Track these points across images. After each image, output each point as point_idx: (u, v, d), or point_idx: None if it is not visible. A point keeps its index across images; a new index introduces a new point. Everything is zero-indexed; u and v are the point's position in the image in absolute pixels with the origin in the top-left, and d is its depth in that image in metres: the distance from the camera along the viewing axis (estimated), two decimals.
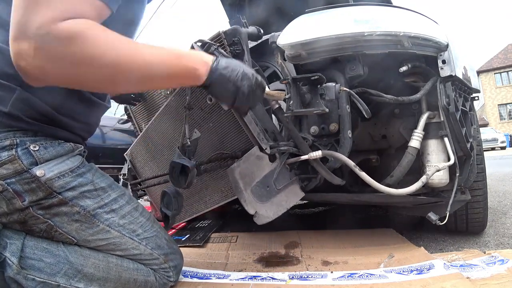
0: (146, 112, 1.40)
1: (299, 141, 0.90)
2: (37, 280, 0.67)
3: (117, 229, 0.77)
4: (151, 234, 0.83)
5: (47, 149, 0.71)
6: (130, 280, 0.78)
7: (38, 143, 0.69)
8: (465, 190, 1.04)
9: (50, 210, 0.70)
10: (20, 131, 0.68)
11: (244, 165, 0.91)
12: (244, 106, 0.78)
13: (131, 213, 0.81)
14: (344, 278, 0.89)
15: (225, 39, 0.99)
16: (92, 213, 0.74)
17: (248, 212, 1.00)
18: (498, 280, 0.78)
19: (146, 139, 1.37)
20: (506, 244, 1.15)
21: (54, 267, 0.69)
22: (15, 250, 0.66)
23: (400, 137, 1.06)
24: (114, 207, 0.78)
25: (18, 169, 0.66)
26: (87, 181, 0.75)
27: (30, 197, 0.67)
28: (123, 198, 0.81)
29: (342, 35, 0.83)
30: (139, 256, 0.80)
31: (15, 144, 0.67)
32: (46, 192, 0.68)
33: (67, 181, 0.71)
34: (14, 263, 0.65)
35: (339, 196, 1.15)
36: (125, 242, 0.78)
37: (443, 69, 0.91)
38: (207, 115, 1.12)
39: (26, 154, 0.67)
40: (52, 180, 0.69)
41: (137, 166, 1.46)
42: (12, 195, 0.66)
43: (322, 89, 0.85)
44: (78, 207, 0.72)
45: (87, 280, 0.72)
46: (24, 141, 0.68)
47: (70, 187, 0.71)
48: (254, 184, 0.92)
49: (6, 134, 0.67)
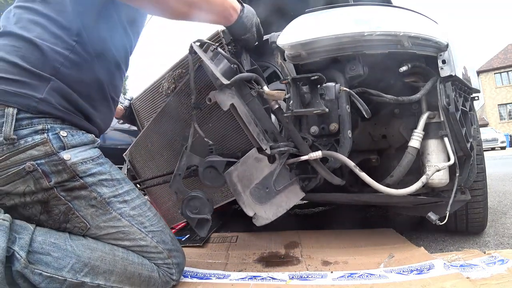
0: (150, 110, 1.41)
1: (299, 141, 0.90)
2: (44, 274, 0.68)
3: (127, 219, 0.81)
4: (157, 228, 0.86)
5: (73, 136, 0.78)
6: (135, 274, 0.79)
7: (66, 130, 0.77)
8: (465, 190, 1.04)
9: (72, 193, 0.76)
10: (51, 118, 0.76)
11: (242, 167, 0.92)
12: (250, 42, 0.99)
13: (140, 207, 0.86)
14: (344, 278, 0.89)
15: (223, 38, 0.99)
16: (107, 201, 0.79)
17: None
18: (498, 280, 0.78)
19: (145, 139, 1.36)
20: (506, 244, 1.15)
21: (61, 262, 0.71)
22: (23, 244, 0.68)
23: (400, 137, 1.06)
24: (126, 198, 0.83)
25: (49, 151, 0.73)
26: (105, 170, 0.82)
27: (56, 178, 0.74)
28: (134, 192, 0.87)
29: (342, 35, 0.83)
30: (145, 248, 0.83)
31: (47, 129, 0.74)
32: (70, 175, 0.75)
33: (88, 167, 0.78)
34: (22, 257, 0.66)
35: (339, 196, 1.15)
36: (134, 232, 0.82)
37: (443, 69, 0.91)
38: (207, 115, 1.13)
39: (56, 139, 0.75)
40: (76, 165, 0.76)
41: (137, 167, 1.46)
42: (40, 175, 0.73)
43: (322, 89, 0.85)
44: (95, 193, 0.78)
45: (93, 273, 0.74)
46: (54, 127, 0.75)
47: (91, 173, 0.78)
48: (253, 186, 0.92)
49: (39, 120, 0.74)
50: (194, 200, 0.96)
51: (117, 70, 0.95)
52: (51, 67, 0.75)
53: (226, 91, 0.89)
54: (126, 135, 2.94)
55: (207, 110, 1.10)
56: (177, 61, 1.17)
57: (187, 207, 0.96)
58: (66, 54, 0.78)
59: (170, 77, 1.18)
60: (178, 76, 1.16)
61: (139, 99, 1.44)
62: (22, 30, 0.76)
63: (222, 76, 0.87)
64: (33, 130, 0.73)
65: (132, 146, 1.45)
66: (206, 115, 1.12)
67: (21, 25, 0.77)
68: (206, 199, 0.96)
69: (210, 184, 0.96)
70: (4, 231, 0.67)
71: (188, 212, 0.95)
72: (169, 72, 1.19)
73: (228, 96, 0.89)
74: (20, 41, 0.75)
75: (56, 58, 0.77)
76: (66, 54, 0.78)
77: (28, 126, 0.73)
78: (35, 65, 0.74)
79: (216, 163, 0.94)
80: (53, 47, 0.76)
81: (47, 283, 0.69)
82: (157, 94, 1.30)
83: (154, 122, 1.28)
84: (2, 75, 0.72)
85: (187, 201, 0.96)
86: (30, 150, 0.72)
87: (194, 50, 0.95)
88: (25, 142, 0.72)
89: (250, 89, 0.92)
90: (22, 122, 0.72)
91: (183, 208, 0.95)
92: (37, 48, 0.75)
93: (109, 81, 0.90)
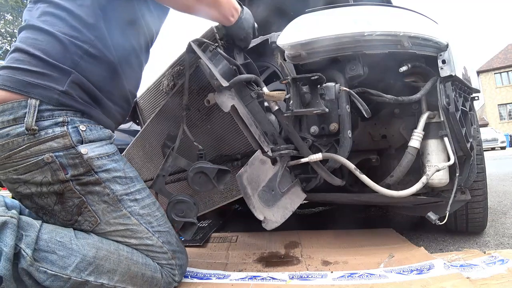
0: (152, 108, 1.41)
1: (299, 143, 0.90)
2: (48, 273, 0.69)
3: (136, 218, 0.82)
4: (164, 229, 0.87)
5: (92, 131, 0.80)
6: (138, 274, 0.80)
7: (85, 124, 0.78)
8: (465, 190, 1.04)
9: (86, 188, 0.77)
10: (71, 111, 0.77)
11: (250, 169, 0.91)
12: (247, 43, 1.02)
13: (150, 206, 0.86)
14: (344, 278, 0.89)
15: (216, 33, 0.99)
16: (119, 198, 0.80)
17: (248, 213, 0.99)
18: (498, 280, 0.78)
19: (143, 140, 1.36)
20: (506, 244, 1.15)
21: (67, 260, 0.71)
22: (30, 242, 0.69)
23: (400, 137, 1.06)
24: (137, 197, 0.84)
25: (67, 144, 0.74)
26: (120, 168, 0.82)
27: (72, 171, 0.75)
28: (145, 192, 0.87)
29: (342, 35, 0.83)
30: (151, 247, 0.83)
31: (67, 121, 0.75)
32: (86, 169, 0.76)
33: (104, 163, 0.79)
34: (28, 255, 0.67)
35: (339, 196, 1.15)
36: (141, 231, 0.82)
37: (443, 69, 0.91)
38: (205, 116, 1.12)
39: (75, 132, 0.76)
40: (93, 159, 0.77)
41: (135, 168, 1.46)
42: (58, 167, 0.74)
43: (322, 89, 0.85)
44: (108, 189, 0.79)
45: (97, 272, 0.74)
46: (74, 120, 0.77)
47: (106, 169, 0.79)
48: (261, 188, 0.91)
49: (60, 112, 0.75)
50: (180, 204, 0.95)
51: (137, 64, 0.95)
52: (71, 60, 0.77)
53: (225, 93, 0.89)
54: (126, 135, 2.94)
55: (205, 112, 1.10)
56: (176, 58, 1.17)
57: (172, 210, 0.95)
58: (86, 48, 0.79)
59: (170, 74, 1.18)
60: (177, 74, 1.16)
61: (142, 98, 1.44)
62: (44, 23, 0.78)
63: (221, 77, 0.86)
64: (54, 122, 0.74)
65: (129, 146, 1.45)
66: (204, 116, 1.12)
67: (43, 19, 0.78)
68: (192, 203, 0.96)
69: (199, 189, 0.95)
70: (13, 229, 0.67)
71: (173, 215, 0.95)
72: (168, 70, 1.19)
73: (228, 98, 0.89)
74: (42, 35, 0.76)
75: (76, 51, 0.78)
76: (86, 47, 0.79)
77: (49, 118, 0.74)
78: (56, 58, 0.76)
79: (208, 169, 0.93)
80: (73, 41, 0.78)
81: (52, 281, 0.69)
82: (158, 92, 1.30)
83: (152, 123, 1.28)
84: (25, 67, 0.74)
85: (173, 204, 0.95)
86: (50, 141, 0.73)
87: (192, 49, 0.95)
88: (45, 134, 0.73)
89: (250, 91, 0.92)
90: (44, 114, 0.73)
91: (169, 210, 0.95)
92: (58, 42, 0.76)
93: (128, 75, 0.91)
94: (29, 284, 0.69)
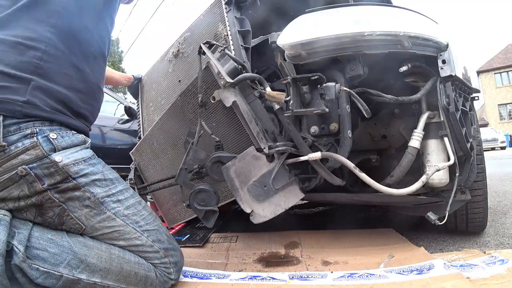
0: (152, 82, 1.47)
1: (299, 141, 0.90)
2: (41, 270, 0.69)
3: (121, 218, 0.81)
4: (153, 227, 0.86)
5: (64, 138, 0.78)
6: (131, 273, 0.79)
7: (56, 132, 0.76)
8: (465, 190, 1.04)
9: (65, 194, 0.75)
10: (38, 121, 0.74)
11: (239, 163, 0.93)
12: None
13: (135, 206, 0.85)
14: (344, 278, 0.89)
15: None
16: (101, 201, 0.79)
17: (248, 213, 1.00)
18: (498, 280, 0.78)
19: (151, 137, 1.38)
20: (506, 244, 1.15)
21: (58, 257, 0.71)
22: (22, 239, 0.69)
23: (400, 137, 1.06)
24: (120, 197, 0.83)
25: (39, 154, 0.72)
26: (98, 171, 0.81)
27: (49, 181, 0.73)
28: (128, 192, 0.87)
29: (342, 35, 0.83)
30: (141, 247, 0.82)
31: (35, 132, 0.73)
32: (63, 176, 0.75)
33: (81, 168, 0.77)
34: (21, 251, 0.67)
35: (339, 196, 1.15)
36: (129, 231, 0.81)
37: (443, 69, 0.91)
38: (210, 114, 1.13)
39: (46, 142, 0.74)
40: (69, 166, 0.75)
41: (141, 165, 1.47)
42: (33, 179, 0.72)
43: (322, 89, 0.85)
44: (89, 193, 0.78)
45: (89, 270, 0.74)
46: (43, 130, 0.74)
47: (84, 173, 0.78)
48: (251, 183, 0.93)
49: (27, 124, 0.73)
50: (202, 193, 0.98)
51: (99, 56, 0.92)
52: (29, 64, 0.73)
53: (229, 90, 0.91)
54: (126, 135, 2.93)
55: (210, 110, 1.12)
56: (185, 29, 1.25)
57: (194, 200, 0.97)
58: (43, 49, 0.75)
59: (176, 42, 1.27)
60: (183, 40, 1.24)
61: (147, 74, 1.51)
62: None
63: (227, 75, 0.88)
64: (22, 134, 0.72)
65: (138, 144, 1.46)
66: (210, 114, 1.13)
67: None
68: (213, 192, 0.98)
69: (218, 178, 0.98)
70: (5, 225, 0.68)
71: (195, 204, 0.97)
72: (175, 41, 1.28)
73: (231, 94, 0.91)
74: None
75: (33, 54, 0.74)
76: (43, 48, 0.75)
77: (17, 131, 0.71)
78: (12, 66, 0.72)
79: (224, 158, 0.96)
80: (28, 43, 0.74)
81: (44, 279, 0.69)
82: (161, 65, 1.38)
83: (161, 121, 1.30)
84: None
85: (195, 194, 0.98)
86: (21, 155, 0.71)
87: (203, 50, 0.98)
88: (15, 148, 0.71)
89: (253, 90, 0.94)
90: (10, 128, 0.71)
91: (191, 200, 0.97)
92: (11, 47, 0.72)
93: (92, 69, 0.88)
94: (23, 281, 0.69)
